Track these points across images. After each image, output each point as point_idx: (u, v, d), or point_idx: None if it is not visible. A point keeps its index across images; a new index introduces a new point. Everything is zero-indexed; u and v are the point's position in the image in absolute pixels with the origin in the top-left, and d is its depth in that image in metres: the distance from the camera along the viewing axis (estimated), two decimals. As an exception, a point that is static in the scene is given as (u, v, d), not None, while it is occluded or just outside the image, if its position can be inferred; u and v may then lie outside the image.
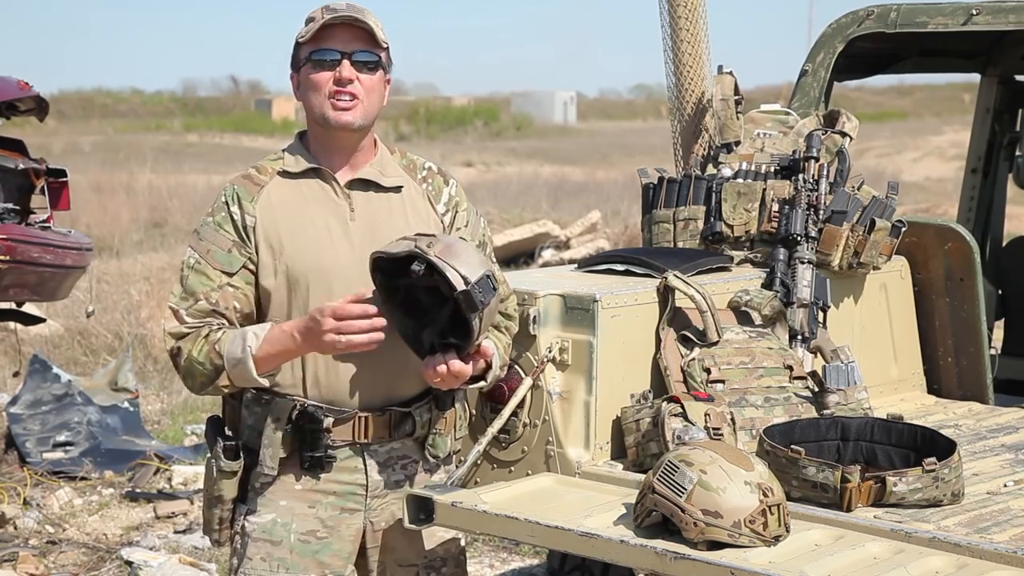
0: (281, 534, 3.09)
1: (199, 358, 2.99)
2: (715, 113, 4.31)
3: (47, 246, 6.51)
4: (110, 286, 12.20)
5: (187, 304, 3.03)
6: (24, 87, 6.56)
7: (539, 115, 47.97)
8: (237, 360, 2.96)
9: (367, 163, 3.12)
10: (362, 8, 3.06)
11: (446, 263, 2.90)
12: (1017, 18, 4.38)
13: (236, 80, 59.41)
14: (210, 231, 3.06)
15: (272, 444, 3.05)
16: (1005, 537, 2.86)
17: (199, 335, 3.01)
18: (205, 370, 3.00)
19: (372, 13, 3.07)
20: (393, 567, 3.19)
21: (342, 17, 3.01)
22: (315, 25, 3.03)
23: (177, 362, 3.05)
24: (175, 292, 3.07)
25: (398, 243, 2.97)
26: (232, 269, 3.03)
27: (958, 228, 4.35)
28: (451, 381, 3.00)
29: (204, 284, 3.03)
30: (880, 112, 45.94)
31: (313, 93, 3.05)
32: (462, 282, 2.89)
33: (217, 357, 2.98)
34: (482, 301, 2.91)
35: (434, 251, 2.90)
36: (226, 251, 3.04)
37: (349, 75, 3.02)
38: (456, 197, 3.21)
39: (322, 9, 3.06)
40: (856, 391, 3.64)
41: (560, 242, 14.54)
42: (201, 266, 3.04)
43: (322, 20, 3.02)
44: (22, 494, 6.66)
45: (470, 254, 2.96)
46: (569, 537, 2.88)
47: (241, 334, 2.98)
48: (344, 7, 3.04)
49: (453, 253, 2.93)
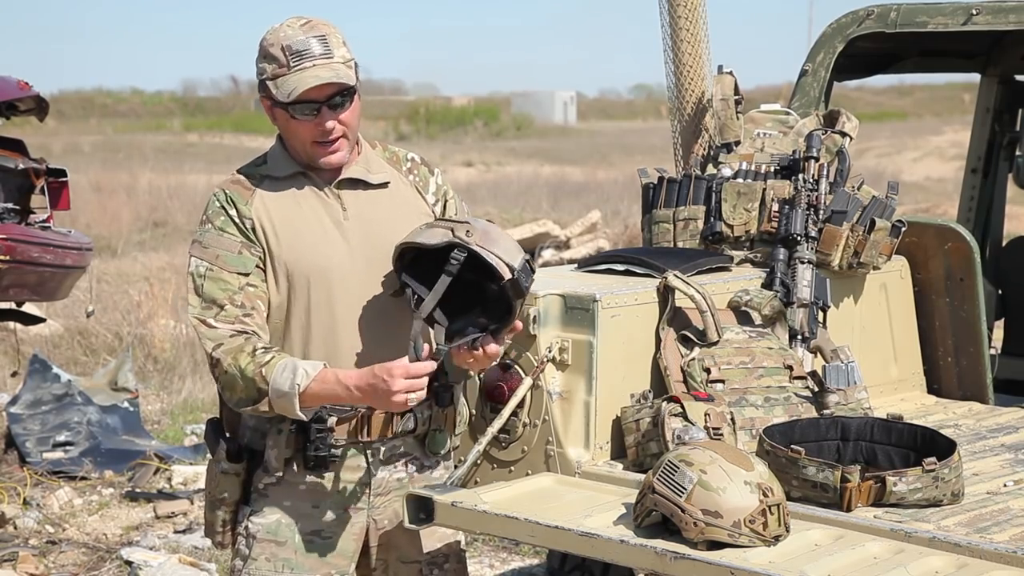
0: (286, 534, 3.09)
1: (245, 375, 2.90)
2: (715, 113, 4.31)
3: (47, 246, 6.52)
4: (110, 286, 12.21)
5: (212, 313, 2.96)
6: (24, 87, 6.57)
7: (539, 115, 47.94)
8: (283, 394, 2.89)
9: (353, 162, 3.10)
10: (323, 35, 2.94)
11: (489, 251, 2.90)
12: (1017, 18, 4.38)
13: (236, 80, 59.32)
14: (213, 237, 3.01)
15: (277, 444, 3.05)
16: (1005, 537, 2.86)
17: (243, 349, 2.92)
18: (248, 392, 2.92)
19: (331, 29, 2.96)
20: (396, 564, 3.20)
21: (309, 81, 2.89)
22: (282, 78, 2.92)
23: (215, 373, 2.97)
24: (193, 304, 2.99)
25: (430, 231, 2.94)
26: (247, 269, 3.00)
27: (958, 228, 4.35)
28: (485, 363, 3.00)
29: (223, 289, 2.97)
30: (880, 112, 45.92)
31: (296, 139, 3.00)
32: (507, 270, 2.90)
33: (263, 383, 2.90)
34: (526, 286, 2.93)
35: (474, 239, 2.90)
36: (236, 253, 3.00)
37: (331, 125, 2.96)
38: (444, 186, 3.21)
39: (283, 50, 2.92)
40: (856, 391, 3.64)
41: (560, 242, 14.54)
42: (214, 272, 2.98)
43: (290, 74, 2.91)
44: (22, 494, 6.66)
45: (506, 239, 2.97)
46: (569, 537, 2.88)
47: (292, 367, 2.89)
48: (307, 46, 2.91)
49: (492, 239, 2.92)
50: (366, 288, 3.04)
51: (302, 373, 2.88)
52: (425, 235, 2.94)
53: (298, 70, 2.91)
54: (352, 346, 3.04)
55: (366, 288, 3.04)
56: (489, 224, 2.99)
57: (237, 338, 2.94)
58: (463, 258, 2.90)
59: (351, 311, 3.04)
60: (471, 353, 2.96)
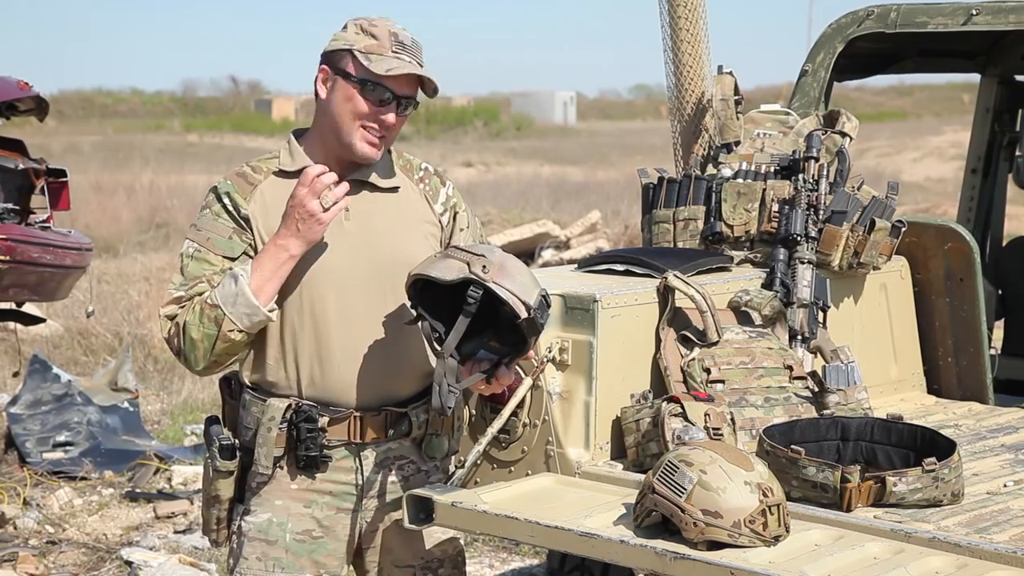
0: (277, 533, 3.09)
1: (194, 320, 2.94)
2: (715, 113, 4.31)
3: (47, 246, 6.52)
4: (110, 286, 12.21)
5: (188, 287, 3.00)
6: (24, 87, 6.57)
7: (539, 115, 47.95)
8: (233, 295, 2.92)
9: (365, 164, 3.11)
10: (419, 48, 3.03)
11: (507, 290, 2.87)
12: (1017, 18, 4.38)
13: (236, 80, 59.33)
14: (208, 221, 3.05)
15: (267, 443, 3.05)
16: (1005, 537, 2.86)
17: (191, 306, 2.97)
18: (206, 330, 2.94)
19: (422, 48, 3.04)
20: (390, 568, 3.19)
21: (409, 68, 2.97)
22: (380, 56, 2.97)
23: (175, 344, 2.99)
24: (174, 281, 3.04)
25: (446, 263, 2.91)
26: (234, 254, 3.02)
27: (958, 228, 4.35)
28: (496, 389, 3.04)
29: (206, 268, 3.01)
30: (880, 112, 45.94)
31: (348, 115, 3.00)
32: (524, 309, 2.88)
33: (211, 309, 2.93)
34: (542, 324, 2.92)
35: (491, 276, 2.86)
36: (226, 238, 3.03)
37: (391, 118, 3.01)
38: (454, 198, 3.21)
39: (390, 35, 3.00)
40: (856, 391, 3.64)
41: (560, 242, 14.54)
42: (202, 253, 3.02)
43: (390, 56, 2.97)
44: (22, 494, 6.66)
45: (523, 273, 2.93)
46: (569, 537, 2.88)
47: (228, 276, 2.94)
48: (411, 43, 3.00)
49: (508, 274, 2.89)
50: (361, 289, 3.04)
51: (239, 270, 2.93)
52: (440, 268, 2.91)
53: (398, 56, 2.98)
54: (343, 346, 3.04)
55: (361, 289, 3.04)
56: (505, 256, 2.94)
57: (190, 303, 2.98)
58: (480, 295, 2.88)
59: (344, 311, 3.04)
60: (484, 382, 2.99)
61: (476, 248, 2.95)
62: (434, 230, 3.15)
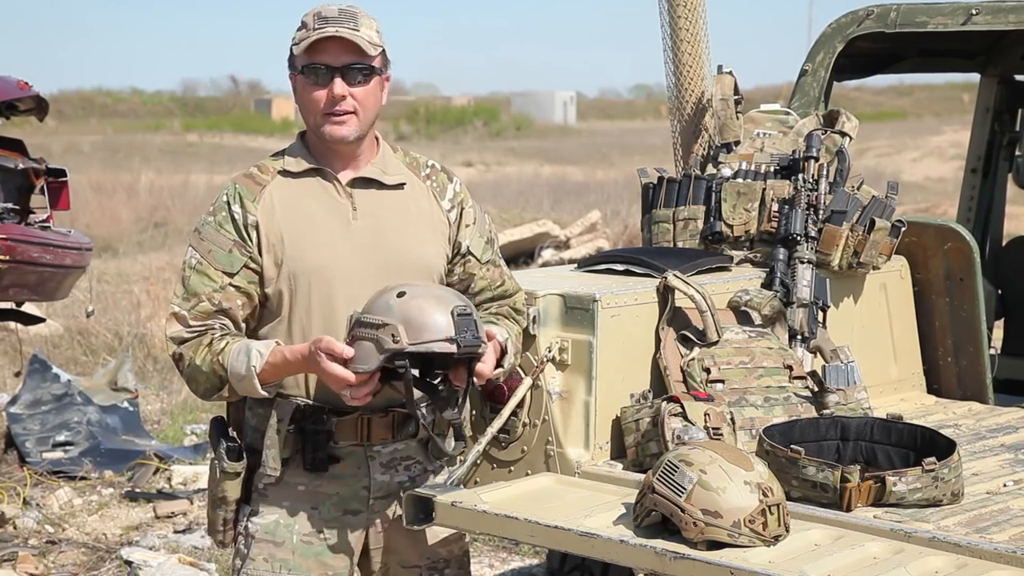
0: (284, 535, 3.09)
1: (203, 368, 2.99)
2: (715, 113, 4.31)
3: (47, 246, 6.52)
4: (110, 286, 12.22)
5: (189, 305, 3.02)
6: (24, 87, 6.56)
7: (539, 115, 47.97)
8: (241, 377, 2.97)
9: (369, 162, 3.11)
10: (354, 12, 3.01)
11: (425, 344, 2.83)
12: (1017, 18, 4.38)
13: (236, 80, 59.40)
14: (211, 231, 3.05)
15: (274, 445, 3.05)
16: (1005, 537, 2.86)
17: (201, 343, 3.00)
18: (209, 381, 3.01)
19: (366, 15, 3.02)
20: (396, 568, 3.19)
21: (331, 33, 2.96)
22: (306, 38, 2.98)
23: (180, 367, 3.06)
24: (177, 293, 3.06)
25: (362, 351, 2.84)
26: (233, 269, 3.03)
27: (958, 228, 4.35)
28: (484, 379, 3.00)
29: (206, 285, 3.02)
30: (880, 112, 45.94)
31: (307, 106, 3.03)
32: (450, 345, 2.84)
33: (221, 369, 2.98)
34: (474, 338, 2.86)
35: (404, 340, 2.82)
36: (227, 251, 3.03)
37: (341, 92, 2.99)
38: (461, 194, 3.21)
39: (314, 16, 3.00)
40: (856, 391, 3.64)
41: (560, 242, 14.55)
42: (203, 266, 3.03)
43: (312, 34, 2.98)
44: (22, 494, 6.66)
45: (431, 308, 2.85)
46: (569, 537, 2.88)
47: (245, 350, 2.96)
48: (336, 14, 2.99)
49: (418, 324, 2.83)
50: (370, 288, 3.03)
51: (256, 354, 2.95)
52: (361, 359, 2.86)
53: (321, 29, 2.97)
54: None
55: (370, 288, 3.03)
56: (408, 299, 2.86)
57: (201, 337, 3.01)
58: (407, 361, 2.84)
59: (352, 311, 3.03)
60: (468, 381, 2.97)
61: (376, 309, 2.88)
62: (442, 227, 3.15)
